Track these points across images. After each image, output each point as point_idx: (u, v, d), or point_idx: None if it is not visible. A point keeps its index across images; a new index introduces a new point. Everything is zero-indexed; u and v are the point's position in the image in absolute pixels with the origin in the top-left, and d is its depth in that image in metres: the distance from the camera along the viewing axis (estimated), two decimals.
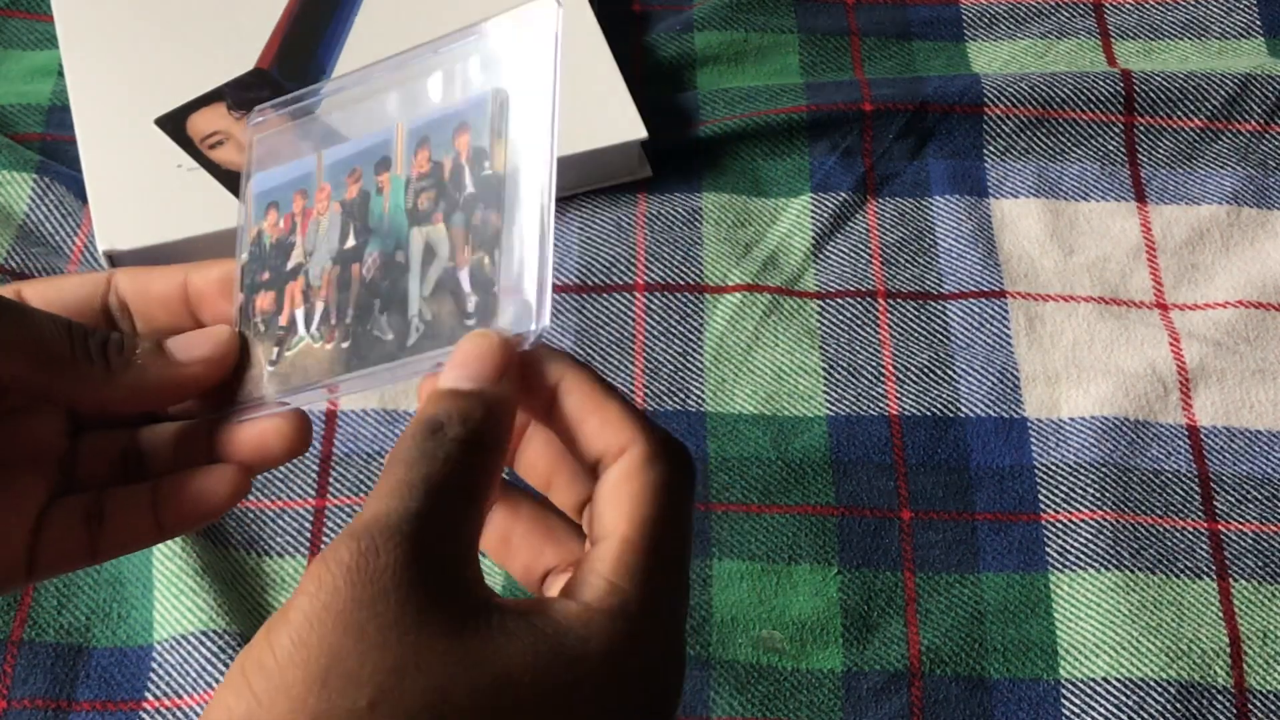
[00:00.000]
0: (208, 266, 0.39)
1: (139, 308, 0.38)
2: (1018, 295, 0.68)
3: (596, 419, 0.34)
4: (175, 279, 0.39)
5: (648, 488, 0.33)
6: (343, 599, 0.29)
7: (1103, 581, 0.59)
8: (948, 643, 0.58)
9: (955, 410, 0.64)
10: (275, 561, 0.60)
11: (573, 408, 0.34)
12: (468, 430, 0.32)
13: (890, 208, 0.71)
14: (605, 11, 0.75)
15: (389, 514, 0.31)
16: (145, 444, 0.39)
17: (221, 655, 0.56)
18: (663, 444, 0.34)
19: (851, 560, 0.60)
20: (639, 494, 0.33)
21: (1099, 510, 0.61)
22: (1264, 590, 0.60)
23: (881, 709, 0.57)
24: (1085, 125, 0.73)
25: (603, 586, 0.32)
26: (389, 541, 0.30)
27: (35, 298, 0.37)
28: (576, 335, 0.66)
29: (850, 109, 0.73)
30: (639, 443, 0.34)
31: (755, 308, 0.67)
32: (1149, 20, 0.79)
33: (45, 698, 0.56)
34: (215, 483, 0.37)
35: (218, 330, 0.38)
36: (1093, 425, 0.63)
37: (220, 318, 0.39)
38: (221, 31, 0.74)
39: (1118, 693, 0.57)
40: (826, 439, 0.63)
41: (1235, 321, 0.67)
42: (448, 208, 0.35)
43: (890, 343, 0.66)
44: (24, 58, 0.77)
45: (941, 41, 0.79)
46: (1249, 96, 0.74)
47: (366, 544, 0.30)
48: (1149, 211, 0.71)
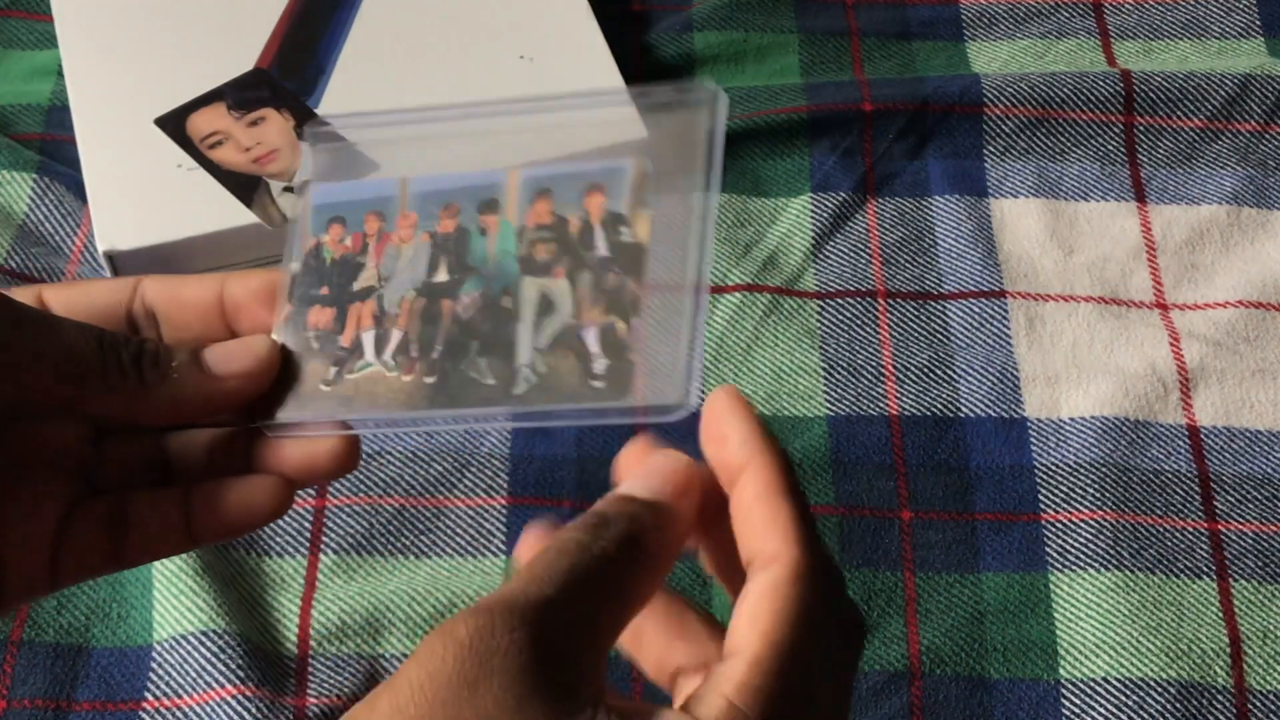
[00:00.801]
0: (248, 276, 0.37)
1: (170, 315, 0.37)
2: (1018, 295, 0.68)
3: (762, 514, 0.33)
4: (211, 287, 0.37)
5: (790, 607, 0.31)
6: (448, 672, 0.29)
7: (1103, 581, 0.59)
8: (948, 642, 0.58)
9: (955, 410, 0.64)
10: (275, 561, 0.60)
11: (746, 497, 0.33)
12: (631, 533, 0.32)
13: (890, 208, 0.71)
14: (605, 11, 0.75)
15: (520, 596, 0.30)
16: (174, 450, 0.37)
17: (221, 655, 0.55)
18: (819, 563, 0.32)
19: (851, 560, 0.60)
20: (780, 612, 0.31)
21: (1099, 510, 0.61)
22: (1264, 590, 0.60)
23: (881, 709, 0.57)
24: (1085, 125, 0.73)
25: (721, 706, 0.30)
26: (508, 623, 0.29)
27: (59, 304, 0.36)
28: None
29: (850, 109, 0.73)
30: (792, 555, 0.32)
31: (755, 307, 0.67)
32: (1149, 20, 0.79)
33: (45, 697, 0.56)
34: (258, 494, 0.36)
35: (257, 342, 0.36)
36: (1093, 425, 0.63)
37: (259, 328, 0.37)
38: (221, 31, 0.74)
39: (1118, 693, 0.57)
40: (826, 439, 0.63)
41: (1235, 321, 0.67)
42: (572, 265, 0.35)
43: (890, 343, 0.66)
44: (24, 57, 0.77)
45: (941, 41, 0.79)
46: (1249, 96, 0.74)
47: (485, 622, 0.29)
48: (1149, 211, 0.71)
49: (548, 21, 0.74)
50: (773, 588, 0.32)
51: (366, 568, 0.60)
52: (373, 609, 0.58)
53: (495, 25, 0.74)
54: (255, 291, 0.37)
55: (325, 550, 0.60)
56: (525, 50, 0.73)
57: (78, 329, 0.34)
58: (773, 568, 0.32)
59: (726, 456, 0.34)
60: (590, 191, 0.35)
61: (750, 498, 0.33)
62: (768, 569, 0.32)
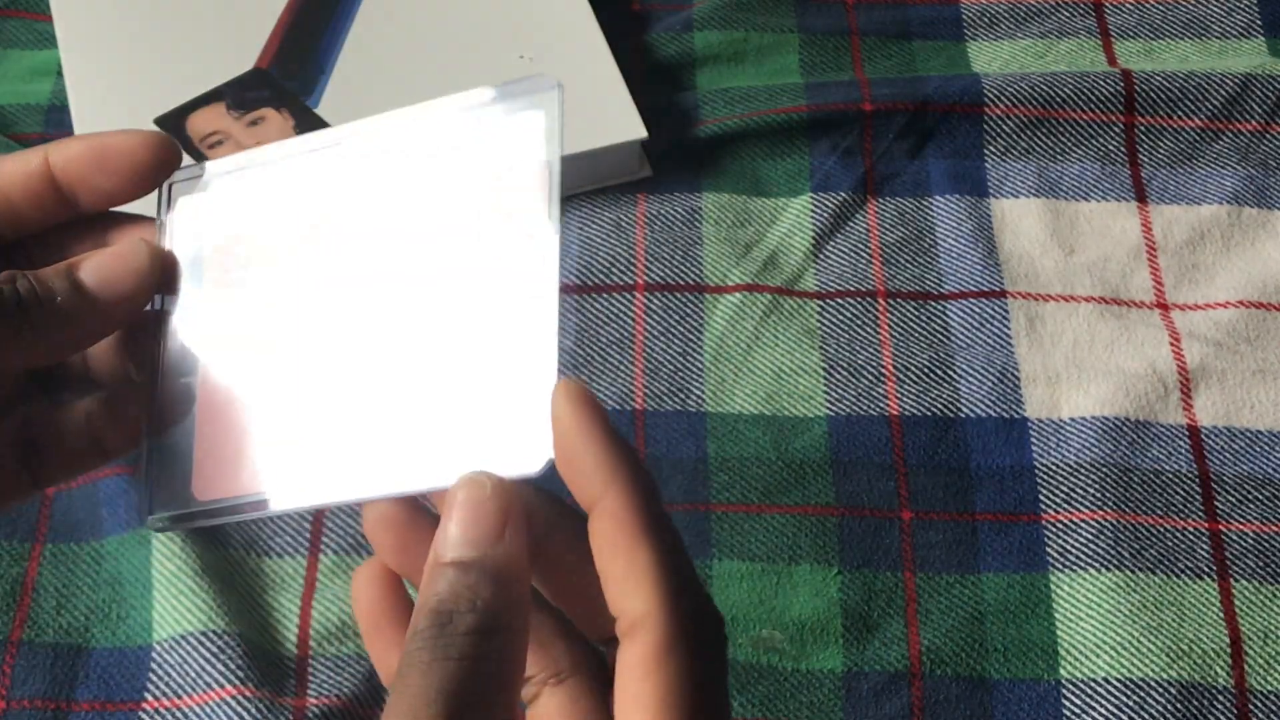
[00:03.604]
0: (68, 144, 0.35)
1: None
2: (1018, 295, 0.68)
3: (621, 565, 0.30)
4: (33, 160, 0.35)
5: (674, 688, 0.29)
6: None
7: (1103, 582, 0.59)
8: (948, 643, 0.58)
9: (955, 410, 0.64)
10: (275, 561, 0.60)
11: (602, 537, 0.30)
12: (479, 618, 0.29)
13: (890, 208, 0.71)
14: (605, 11, 0.75)
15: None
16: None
17: (221, 655, 0.55)
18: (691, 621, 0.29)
19: (852, 560, 0.60)
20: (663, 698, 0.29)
21: (1099, 510, 0.61)
22: (1265, 590, 0.60)
23: (881, 709, 0.57)
24: (1086, 125, 0.73)
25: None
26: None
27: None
28: (576, 336, 0.66)
29: (850, 109, 0.73)
30: (660, 620, 0.29)
31: (755, 308, 0.67)
32: (1149, 20, 0.79)
33: (44, 698, 0.56)
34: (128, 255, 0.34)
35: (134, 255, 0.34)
36: (1093, 425, 0.63)
37: (99, 197, 0.35)
38: (221, 31, 0.74)
39: (1118, 693, 0.57)
40: (826, 439, 0.63)
41: (1236, 321, 0.67)
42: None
43: (890, 343, 0.66)
44: (23, 57, 0.77)
45: (941, 41, 0.79)
46: (1249, 96, 0.74)
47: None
48: (1149, 211, 0.71)
49: (548, 21, 0.74)
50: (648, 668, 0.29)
51: None
52: None
53: (495, 25, 0.73)
54: (81, 159, 0.35)
55: (325, 550, 0.60)
56: (525, 50, 0.72)
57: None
58: (641, 637, 0.29)
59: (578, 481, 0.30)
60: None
61: (605, 542, 0.30)
62: (637, 638, 0.29)
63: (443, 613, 0.29)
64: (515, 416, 0.31)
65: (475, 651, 0.29)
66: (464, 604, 0.29)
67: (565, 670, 0.34)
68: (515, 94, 0.34)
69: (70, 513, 0.61)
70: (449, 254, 0.34)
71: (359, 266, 0.35)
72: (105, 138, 0.35)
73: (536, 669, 0.34)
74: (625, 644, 0.30)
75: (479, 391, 0.32)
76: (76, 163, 0.35)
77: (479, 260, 0.33)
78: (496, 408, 0.32)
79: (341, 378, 0.34)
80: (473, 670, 0.29)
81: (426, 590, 0.30)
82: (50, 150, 0.35)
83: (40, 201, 0.35)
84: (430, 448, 0.33)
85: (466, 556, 0.30)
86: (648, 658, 0.29)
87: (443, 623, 0.29)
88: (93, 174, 0.35)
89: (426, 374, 0.33)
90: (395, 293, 0.34)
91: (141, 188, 0.36)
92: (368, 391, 0.34)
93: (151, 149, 0.35)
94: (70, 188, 0.35)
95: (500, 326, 0.32)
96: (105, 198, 0.36)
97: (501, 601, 0.29)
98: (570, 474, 0.30)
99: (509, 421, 0.31)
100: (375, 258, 0.35)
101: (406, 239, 0.34)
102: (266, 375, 0.35)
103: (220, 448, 0.35)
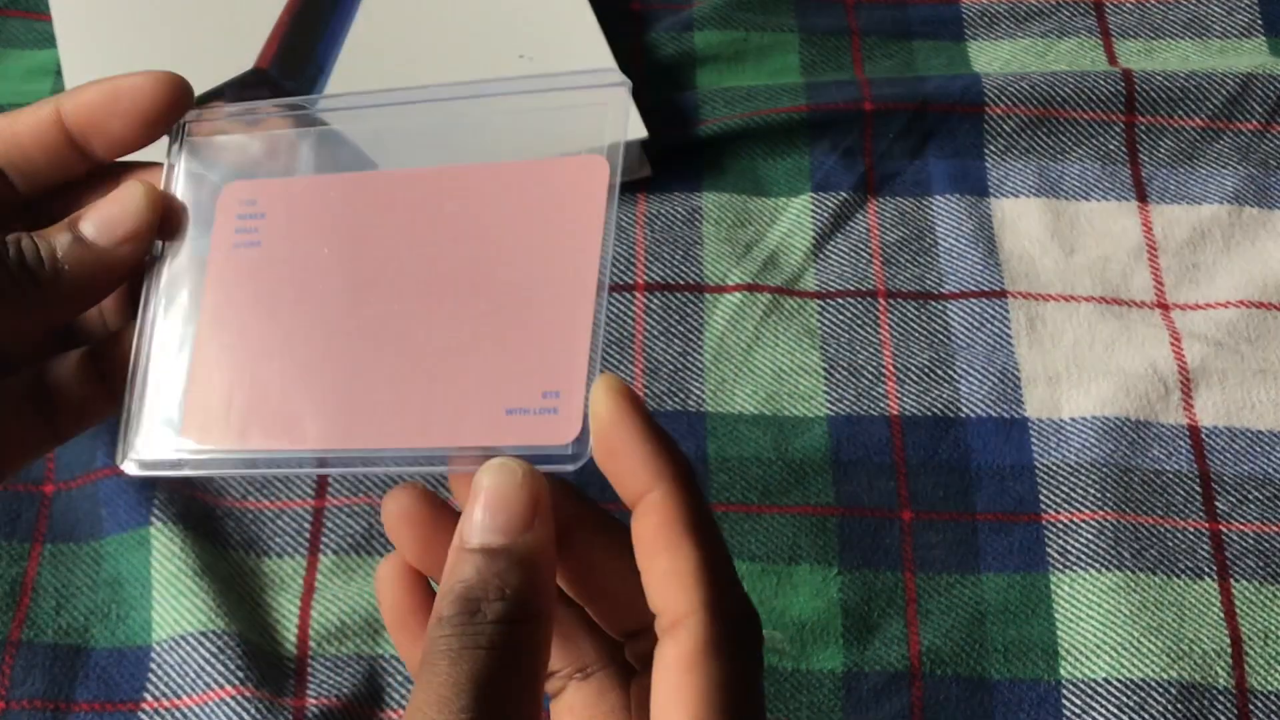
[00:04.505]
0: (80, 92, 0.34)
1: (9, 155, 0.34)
2: (1018, 295, 0.68)
3: (665, 562, 0.29)
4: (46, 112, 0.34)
5: (714, 688, 0.29)
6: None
7: (1103, 582, 0.59)
8: (948, 643, 0.58)
9: (956, 410, 0.64)
10: (274, 562, 0.60)
11: (646, 535, 0.30)
12: (508, 606, 0.29)
13: (890, 207, 0.71)
14: (605, 11, 0.75)
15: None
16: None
17: (220, 655, 0.55)
18: (732, 624, 0.29)
19: (852, 561, 0.60)
20: (703, 697, 0.29)
21: (1100, 510, 0.61)
22: (1265, 591, 0.59)
23: (882, 709, 0.57)
24: (1086, 125, 0.73)
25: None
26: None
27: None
28: None
29: (850, 108, 0.73)
30: (704, 620, 0.29)
31: (755, 307, 0.67)
32: (1150, 19, 0.79)
33: (44, 698, 0.56)
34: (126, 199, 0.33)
35: (131, 197, 0.34)
36: (1093, 425, 0.63)
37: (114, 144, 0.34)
38: (221, 31, 0.73)
39: (1118, 693, 0.57)
40: (827, 439, 0.63)
41: (1236, 321, 0.67)
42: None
43: (890, 343, 0.66)
44: (23, 57, 0.77)
45: (942, 41, 0.79)
46: (1250, 96, 0.73)
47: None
48: (1150, 211, 0.71)
49: (548, 21, 0.74)
50: (688, 665, 0.29)
51: (366, 568, 0.59)
52: (372, 609, 0.58)
53: (495, 25, 0.73)
54: (93, 104, 0.34)
55: (325, 551, 0.60)
56: (525, 50, 0.72)
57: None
58: (683, 635, 0.29)
59: (623, 475, 0.30)
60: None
61: (649, 537, 0.30)
62: (679, 636, 0.29)
63: (470, 599, 0.29)
64: (553, 408, 0.31)
65: (504, 641, 0.28)
66: (493, 591, 0.29)
67: (592, 665, 0.34)
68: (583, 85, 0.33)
69: (70, 513, 0.61)
70: (490, 232, 0.33)
71: (391, 231, 0.33)
72: (116, 80, 0.35)
73: (562, 663, 0.34)
74: (666, 641, 0.29)
75: (512, 376, 0.31)
76: (88, 108, 0.34)
77: (521, 242, 0.32)
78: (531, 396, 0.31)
79: (361, 338, 0.33)
80: (502, 660, 0.28)
81: (451, 576, 0.29)
82: (61, 99, 0.34)
83: (54, 152, 0.34)
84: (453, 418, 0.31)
85: (495, 543, 0.29)
86: (690, 655, 0.29)
87: (471, 610, 0.29)
88: (104, 118, 0.34)
89: (455, 351, 0.32)
90: (426, 263, 0.33)
91: (154, 130, 0.35)
92: (388, 358, 0.32)
93: (163, 88, 0.35)
94: (83, 135, 0.34)
95: (541, 314, 0.32)
96: (118, 143, 0.35)
97: (530, 590, 0.29)
98: (614, 468, 0.30)
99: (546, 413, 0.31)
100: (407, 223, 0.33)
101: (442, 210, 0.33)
102: (275, 326, 0.34)
103: (214, 395, 0.33)
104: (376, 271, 0.33)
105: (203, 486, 0.61)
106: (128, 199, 0.34)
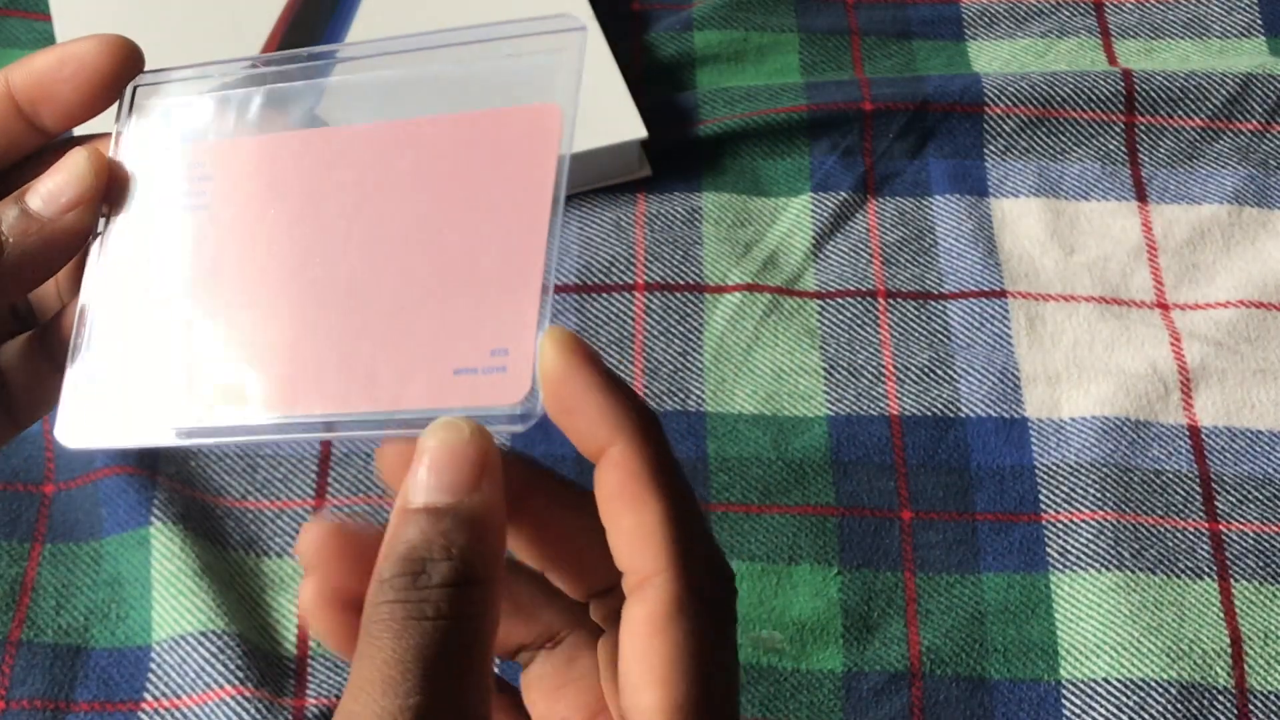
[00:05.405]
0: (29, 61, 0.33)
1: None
2: (1018, 295, 0.68)
3: (630, 519, 0.28)
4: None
5: (682, 652, 0.27)
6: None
7: (1103, 582, 0.59)
8: (948, 643, 0.58)
9: (955, 410, 0.64)
10: (274, 561, 0.60)
11: (609, 492, 0.28)
12: (454, 568, 0.27)
13: (890, 207, 0.71)
14: (605, 11, 0.75)
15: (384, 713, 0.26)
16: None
17: (220, 655, 0.55)
18: (701, 581, 0.28)
19: (852, 560, 0.60)
20: (673, 659, 0.27)
21: (1100, 510, 0.61)
22: (1265, 590, 0.59)
23: (882, 709, 0.57)
24: (1086, 125, 0.73)
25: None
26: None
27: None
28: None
29: (850, 108, 0.73)
30: (670, 579, 0.28)
31: (755, 307, 0.67)
32: (1150, 19, 0.79)
33: (44, 698, 0.56)
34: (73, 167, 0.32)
35: (75, 163, 0.33)
36: (1093, 425, 0.63)
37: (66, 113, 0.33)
38: (221, 30, 0.73)
39: (1118, 693, 0.57)
40: (826, 439, 0.63)
41: (1236, 321, 0.67)
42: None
43: (890, 343, 0.66)
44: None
45: (942, 41, 0.79)
46: (1250, 96, 0.73)
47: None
48: (1150, 211, 0.71)
49: None
50: (656, 626, 0.28)
51: None
52: None
53: None
54: (40, 72, 0.33)
55: None
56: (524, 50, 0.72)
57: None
58: (651, 594, 0.28)
59: (580, 431, 0.28)
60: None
61: (612, 494, 0.28)
62: (646, 595, 0.28)
63: (414, 560, 0.27)
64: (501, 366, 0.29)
65: (452, 609, 0.26)
66: (438, 551, 0.27)
67: (561, 631, 0.33)
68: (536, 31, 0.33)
69: (69, 512, 0.61)
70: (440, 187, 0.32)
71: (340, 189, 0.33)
72: (64, 46, 0.34)
73: (528, 638, 0.32)
74: (633, 600, 0.28)
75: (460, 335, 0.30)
76: (36, 75, 0.33)
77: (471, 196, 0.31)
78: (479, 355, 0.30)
79: (306, 301, 0.32)
80: (450, 632, 0.26)
81: (394, 538, 0.27)
82: (9, 70, 0.34)
83: (4, 124, 0.34)
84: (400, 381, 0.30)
85: (439, 502, 0.27)
86: (657, 617, 0.28)
87: (415, 571, 0.27)
88: (53, 84, 0.33)
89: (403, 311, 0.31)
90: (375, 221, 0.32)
91: (104, 95, 0.34)
92: (334, 321, 0.31)
93: (111, 52, 0.34)
94: (32, 105, 0.34)
95: (489, 270, 0.30)
96: (68, 111, 0.34)
97: (478, 552, 0.27)
98: (570, 425, 0.29)
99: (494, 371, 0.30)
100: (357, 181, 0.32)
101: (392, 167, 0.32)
102: (218, 291, 0.33)
103: (156, 362, 0.33)
104: (324, 231, 0.32)
105: (202, 486, 0.61)
106: (71, 166, 0.33)
